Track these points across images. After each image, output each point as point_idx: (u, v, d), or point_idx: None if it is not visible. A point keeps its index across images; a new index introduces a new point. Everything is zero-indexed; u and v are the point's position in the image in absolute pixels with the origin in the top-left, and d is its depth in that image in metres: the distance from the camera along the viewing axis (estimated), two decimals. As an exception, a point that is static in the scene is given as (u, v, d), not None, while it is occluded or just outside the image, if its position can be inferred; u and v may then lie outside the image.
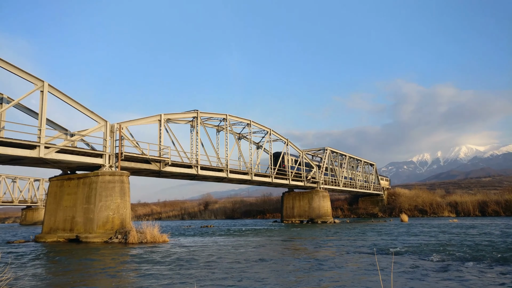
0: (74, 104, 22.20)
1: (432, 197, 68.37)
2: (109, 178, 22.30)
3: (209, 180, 35.63)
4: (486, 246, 15.90)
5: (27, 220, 75.49)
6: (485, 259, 12.27)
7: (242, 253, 15.10)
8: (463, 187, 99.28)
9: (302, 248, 16.66)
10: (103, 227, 21.56)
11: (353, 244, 17.93)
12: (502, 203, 59.19)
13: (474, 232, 24.90)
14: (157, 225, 22.00)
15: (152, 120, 26.85)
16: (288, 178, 43.15)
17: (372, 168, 68.34)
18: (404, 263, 11.73)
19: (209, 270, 11.02)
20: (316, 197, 47.51)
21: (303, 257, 13.41)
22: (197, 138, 30.65)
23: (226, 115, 34.30)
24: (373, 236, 23.31)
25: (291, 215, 49.00)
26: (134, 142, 24.87)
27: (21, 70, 19.72)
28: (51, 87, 20.70)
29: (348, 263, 11.92)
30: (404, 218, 46.04)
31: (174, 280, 9.52)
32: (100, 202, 21.78)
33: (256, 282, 9.21)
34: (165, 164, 26.60)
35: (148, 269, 11.20)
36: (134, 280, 9.66)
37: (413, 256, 13.33)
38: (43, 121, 19.91)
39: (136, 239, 20.34)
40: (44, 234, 23.00)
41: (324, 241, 20.48)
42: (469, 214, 60.36)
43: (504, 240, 18.72)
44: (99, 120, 23.27)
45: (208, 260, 13.04)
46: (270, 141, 41.16)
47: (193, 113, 30.72)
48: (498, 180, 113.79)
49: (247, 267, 11.48)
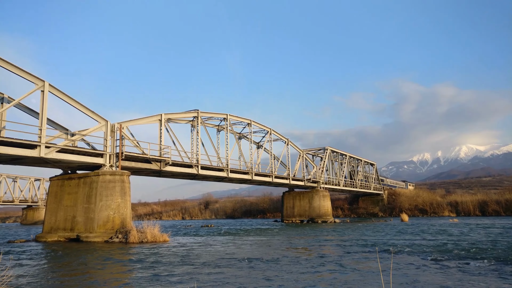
0: (75, 103, 22.22)
1: (432, 197, 68.36)
2: (109, 177, 22.32)
3: (210, 179, 35.65)
4: (486, 246, 15.91)
5: (28, 219, 75.50)
6: (486, 258, 12.27)
7: (242, 253, 15.12)
8: (463, 187, 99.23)
9: (303, 248, 16.67)
10: (103, 226, 21.58)
11: (354, 244, 17.94)
12: (502, 203, 59.20)
13: (474, 231, 24.91)
14: (157, 224, 22.04)
15: (152, 120, 26.87)
16: (289, 177, 43.17)
17: (373, 167, 68.34)
18: (404, 263, 11.75)
19: (209, 269, 11.03)
20: (317, 196, 47.52)
21: (304, 257, 13.42)
22: (198, 138, 30.68)
23: (227, 114, 34.31)
24: (373, 235, 23.32)
25: (292, 215, 49.00)
26: (134, 141, 24.89)
27: (22, 69, 19.75)
28: (52, 86, 20.71)
29: (349, 263, 11.94)
30: (405, 218, 46.07)
31: (174, 279, 9.54)
32: (101, 201, 21.81)
33: (256, 281, 9.22)
34: (166, 164, 26.62)
35: (148, 269, 11.22)
36: (134, 280, 9.68)
37: (414, 256, 13.34)
38: (43, 120, 19.94)
39: (137, 239, 20.36)
40: (45, 233, 23.03)
41: (324, 240, 20.49)
42: (469, 214, 60.36)
43: (504, 240, 18.72)
44: (99, 120, 23.29)
45: (208, 260, 13.05)
46: (271, 141, 41.18)
47: (194, 112, 30.75)
48: (498, 180, 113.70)
49: (247, 266, 11.50)
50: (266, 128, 40.25)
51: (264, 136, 41.08)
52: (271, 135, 41.09)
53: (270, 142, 41.19)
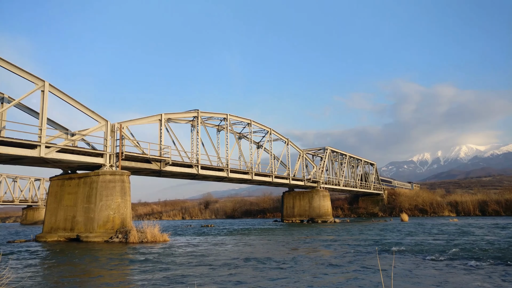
0: (75, 103, 22.22)
1: (432, 197, 68.32)
2: (109, 177, 22.32)
3: (210, 179, 35.65)
4: (486, 246, 15.90)
5: (28, 219, 75.50)
6: (486, 258, 12.27)
7: (242, 253, 15.12)
8: (463, 187, 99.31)
9: (303, 248, 16.68)
10: (103, 226, 21.58)
11: (354, 244, 17.94)
12: (502, 203, 59.19)
13: (474, 231, 24.91)
14: (157, 224, 22.04)
15: (152, 120, 26.87)
16: (288, 177, 43.17)
17: (373, 167, 68.34)
18: (405, 263, 11.75)
19: (209, 269, 11.03)
20: (317, 196, 47.52)
21: (304, 257, 13.42)
22: (198, 138, 30.68)
23: (227, 114, 34.31)
24: (373, 235, 23.32)
25: (292, 215, 49.01)
26: (134, 141, 24.89)
27: (22, 69, 19.74)
28: (52, 86, 20.71)
29: (349, 263, 11.93)
30: (405, 218, 46.05)
31: (174, 279, 9.54)
32: (101, 201, 21.81)
33: (256, 282, 9.22)
34: (166, 164, 26.62)
35: (148, 269, 11.22)
36: (134, 280, 9.68)
37: (414, 256, 13.34)
38: (44, 120, 19.94)
39: (137, 239, 20.36)
40: (45, 233, 23.03)
41: (324, 240, 20.50)
42: (469, 214, 60.36)
43: (504, 240, 18.72)
44: (99, 120, 23.29)
45: (208, 260, 13.05)
46: (271, 141, 41.18)
47: (194, 112, 30.75)
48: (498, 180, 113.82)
49: (247, 266, 11.50)
50: (266, 128, 40.25)
51: (264, 136, 41.08)
52: (271, 135, 41.09)
53: (270, 142, 41.19)
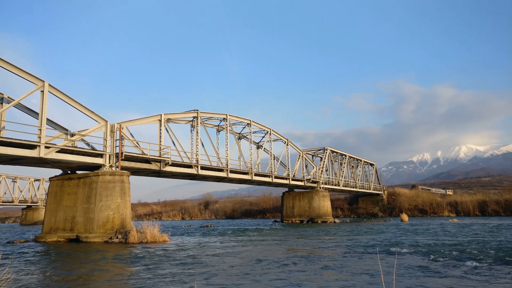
0: (75, 104, 22.20)
1: (432, 197, 68.36)
2: (109, 178, 22.30)
3: (209, 180, 35.64)
4: (486, 246, 15.89)
5: (28, 220, 75.43)
6: (486, 258, 12.26)
7: (242, 253, 15.11)
8: (463, 187, 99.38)
9: (303, 248, 16.66)
10: (103, 227, 21.56)
11: (354, 244, 17.93)
12: (502, 203, 59.17)
13: (474, 231, 24.90)
14: (157, 225, 22.02)
15: (152, 120, 26.86)
16: (288, 178, 43.16)
17: (372, 168, 68.36)
18: (405, 263, 11.73)
19: (209, 269, 11.02)
20: (316, 196, 47.51)
21: (304, 257, 13.41)
22: (197, 138, 30.65)
23: (226, 115, 34.30)
24: (373, 236, 23.31)
25: (291, 215, 48.99)
26: (134, 142, 24.87)
27: (22, 70, 19.72)
28: (52, 87, 20.69)
29: (350, 263, 11.92)
30: (404, 218, 46.03)
31: (174, 279, 9.52)
32: (101, 202, 21.78)
33: (256, 282, 9.21)
34: (166, 164, 26.61)
35: (148, 269, 11.20)
36: (134, 280, 9.66)
37: (414, 256, 13.33)
38: (43, 121, 19.91)
39: (136, 239, 20.34)
40: (45, 234, 23.00)
41: (324, 241, 20.49)
42: (469, 214, 60.36)
43: (504, 240, 18.71)
44: (99, 120, 23.27)
45: (208, 260, 13.04)
46: (270, 141, 41.16)
47: (193, 113, 30.73)
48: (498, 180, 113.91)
49: (247, 266, 11.48)
50: (266, 128, 40.24)
51: (264, 136, 41.07)
52: (271, 135, 41.08)
53: (270, 142, 41.18)
